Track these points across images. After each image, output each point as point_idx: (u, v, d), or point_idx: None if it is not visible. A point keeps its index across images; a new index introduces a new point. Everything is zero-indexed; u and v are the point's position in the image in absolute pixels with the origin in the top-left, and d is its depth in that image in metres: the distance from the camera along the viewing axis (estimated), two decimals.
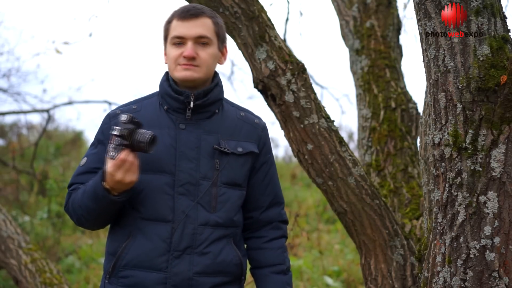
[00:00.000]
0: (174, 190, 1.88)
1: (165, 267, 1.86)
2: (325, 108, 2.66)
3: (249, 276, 2.11)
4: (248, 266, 2.07)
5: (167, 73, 1.98)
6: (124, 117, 1.77)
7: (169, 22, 1.93)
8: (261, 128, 2.04)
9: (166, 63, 1.97)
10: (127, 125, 1.77)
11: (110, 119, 1.96)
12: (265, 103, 2.70)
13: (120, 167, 1.76)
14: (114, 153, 1.76)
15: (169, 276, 1.85)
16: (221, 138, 1.94)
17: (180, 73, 1.89)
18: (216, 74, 2.00)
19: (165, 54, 1.96)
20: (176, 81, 1.94)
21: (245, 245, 2.06)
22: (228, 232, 1.93)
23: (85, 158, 1.97)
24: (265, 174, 2.03)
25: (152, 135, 1.78)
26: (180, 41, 1.89)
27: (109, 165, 1.76)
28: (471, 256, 1.85)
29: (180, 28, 1.89)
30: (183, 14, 1.89)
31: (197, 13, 1.90)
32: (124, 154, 1.76)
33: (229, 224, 1.93)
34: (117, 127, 1.77)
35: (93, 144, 1.99)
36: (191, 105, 1.90)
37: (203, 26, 1.90)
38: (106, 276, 1.92)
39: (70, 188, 1.95)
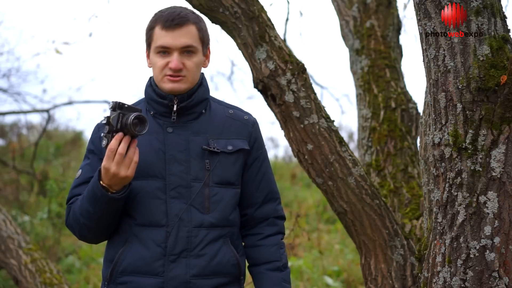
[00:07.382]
0: (166, 194, 1.87)
1: (162, 271, 1.85)
2: (325, 108, 2.66)
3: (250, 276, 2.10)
4: (247, 264, 2.05)
5: (150, 78, 1.97)
6: (110, 103, 1.75)
7: (151, 28, 1.89)
8: (251, 124, 2.03)
9: (149, 67, 1.95)
10: (113, 112, 1.74)
11: (99, 129, 1.96)
12: (265, 103, 2.70)
13: (111, 158, 1.74)
14: (104, 142, 1.75)
15: (166, 281, 1.84)
16: (210, 137, 1.92)
17: (167, 85, 1.88)
18: (200, 75, 1.97)
19: (148, 57, 1.94)
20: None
21: (243, 243, 2.04)
22: (224, 232, 1.92)
23: (80, 170, 1.96)
24: (257, 170, 2.01)
25: (136, 115, 1.73)
26: (165, 50, 1.86)
27: (103, 159, 1.76)
28: (471, 256, 1.85)
29: (164, 38, 1.85)
30: (167, 24, 1.84)
31: (182, 22, 1.85)
32: (113, 143, 1.74)
33: (225, 224, 1.92)
34: (104, 115, 1.76)
35: (86, 156, 1.99)
36: (175, 108, 1.89)
37: (188, 35, 1.86)
38: (105, 283, 1.92)
39: (69, 202, 1.95)
